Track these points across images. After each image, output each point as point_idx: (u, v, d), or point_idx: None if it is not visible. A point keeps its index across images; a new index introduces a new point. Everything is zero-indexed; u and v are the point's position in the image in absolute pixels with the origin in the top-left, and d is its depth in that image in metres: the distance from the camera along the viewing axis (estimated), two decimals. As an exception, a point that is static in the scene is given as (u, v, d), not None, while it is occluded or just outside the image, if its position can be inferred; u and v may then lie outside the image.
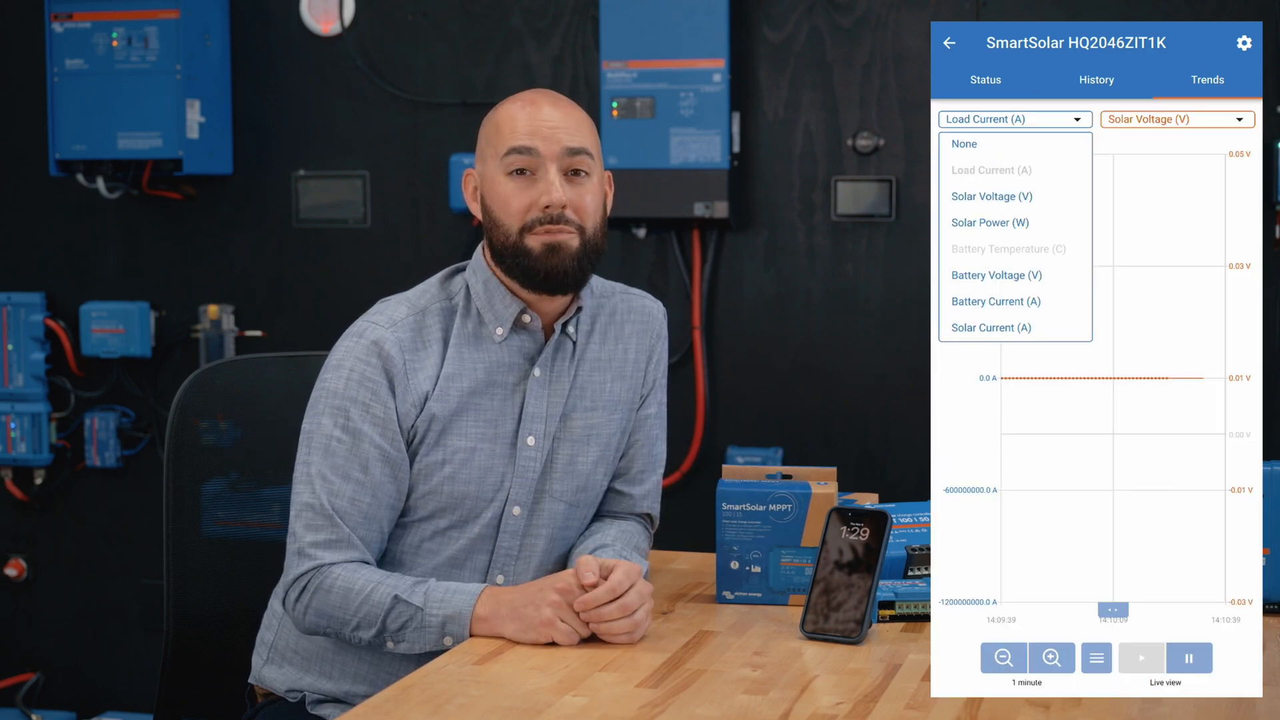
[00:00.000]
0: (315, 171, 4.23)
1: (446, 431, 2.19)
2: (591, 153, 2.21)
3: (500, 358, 2.23)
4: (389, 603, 2.09)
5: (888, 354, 3.95)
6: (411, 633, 2.09)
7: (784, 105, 3.97)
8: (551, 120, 2.19)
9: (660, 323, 2.37)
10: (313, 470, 2.17)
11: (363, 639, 2.13)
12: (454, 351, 2.21)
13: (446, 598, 2.08)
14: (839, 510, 2.10)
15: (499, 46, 4.11)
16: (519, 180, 2.18)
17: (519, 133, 2.18)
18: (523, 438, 2.23)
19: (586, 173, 2.20)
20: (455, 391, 2.20)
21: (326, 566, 2.14)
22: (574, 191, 2.19)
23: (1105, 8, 3.79)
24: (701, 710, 1.79)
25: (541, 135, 2.18)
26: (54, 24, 4.11)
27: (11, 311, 4.33)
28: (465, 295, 2.24)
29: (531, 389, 2.24)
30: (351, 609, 2.11)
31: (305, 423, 2.21)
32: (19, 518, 4.48)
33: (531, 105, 2.21)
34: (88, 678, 4.48)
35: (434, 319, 2.22)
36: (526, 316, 2.23)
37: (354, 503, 2.16)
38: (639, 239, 4.02)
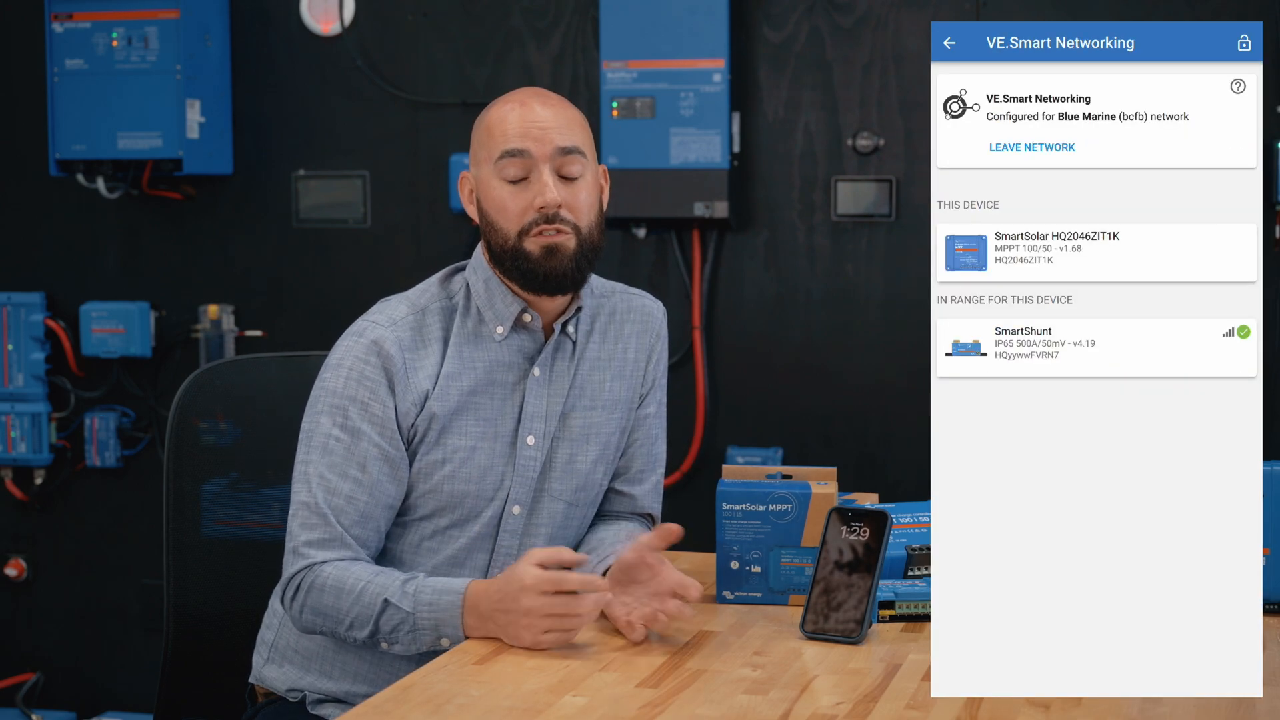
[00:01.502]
0: (315, 171, 4.23)
1: (447, 430, 2.20)
2: (584, 150, 2.20)
3: (500, 357, 2.23)
4: (379, 605, 2.09)
5: (888, 354, 3.95)
6: (405, 635, 2.09)
7: (784, 105, 3.97)
8: (542, 120, 2.19)
9: (660, 322, 2.37)
10: (310, 469, 2.17)
11: (358, 639, 2.12)
12: (454, 350, 2.21)
13: (435, 600, 2.07)
14: (839, 510, 2.10)
15: (499, 46, 4.11)
16: (514, 184, 2.18)
17: (510, 135, 2.18)
18: (522, 437, 2.23)
19: (580, 170, 2.20)
20: (455, 390, 2.20)
21: (318, 565, 2.14)
22: (568, 191, 2.19)
23: (1105, 8, 3.79)
24: (701, 710, 1.79)
25: (533, 136, 2.17)
26: (54, 24, 4.11)
27: (11, 311, 4.33)
28: (465, 294, 2.25)
29: (531, 388, 2.24)
30: (344, 609, 2.11)
31: (305, 421, 2.21)
32: (19, 518, 4.48)
33: (521, 105, 2.20)
34: (88, 678, 4.48)
35: (434, 318, 2.22)
36: (527, 316, 2.23)
37: (351, 501, 2.16)
38: (639, 239, 4.03)
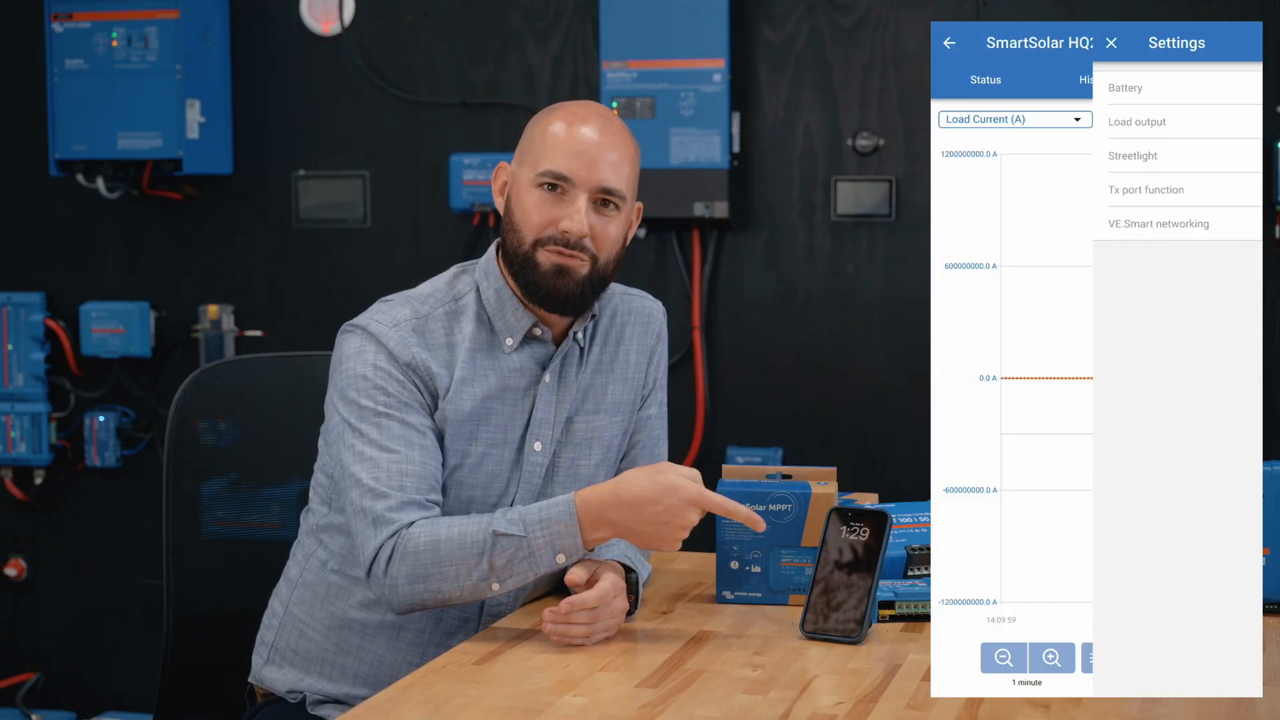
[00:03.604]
0: (315, 171, 4.23)
1: (458, 436, 2.18)
2: (626, 193, 2.19)
3: (513, 364, 2.22)
4: (488, 540, 2.03)
5: (888, 354, 3.95)
6: (522, 563, 2.04)
7: (784, 105, 3.97)
8: (594, 150, 2.16)
9: (660, 323, 2.36)
10: (364, 450, 2.11)
11: (465, 589, 2.05)
12: (467, 357, 2.19)
13: (545, 515, 2.03)
14: (839, 510, 2.10)
15: (499, 46, 4.11)
16: (549, 195, 2.17)
17: (559, 157, 2.16)
18: (529, 443, 2.23)
19: (616, 207, 2.19)
20: (469, 396, 2.18)
21: (405, 528, 2.07)
22: (599, 221, 2.17)
23: (1105, 7, 3.79)
24: (701, 710, 1.79)
25: (582, 164, 2.15)
26: (54, 24, 4.11)
27: (11, 311, 4.33)
28: (476, 299, 2.23)
29: (542, 395, 2.23)
30: (447, 560, 2.04)
31: (337, 413, 2.16)
32: (19, 518, 4.48)
33: (582, 125, 2.18)
34: (88, 678, 4.48)
35: (438, 324, 2.20)
36: (538, 330, 2.22)
37: (414, 465, 2.11)
38: (639, 239, 4.02)
